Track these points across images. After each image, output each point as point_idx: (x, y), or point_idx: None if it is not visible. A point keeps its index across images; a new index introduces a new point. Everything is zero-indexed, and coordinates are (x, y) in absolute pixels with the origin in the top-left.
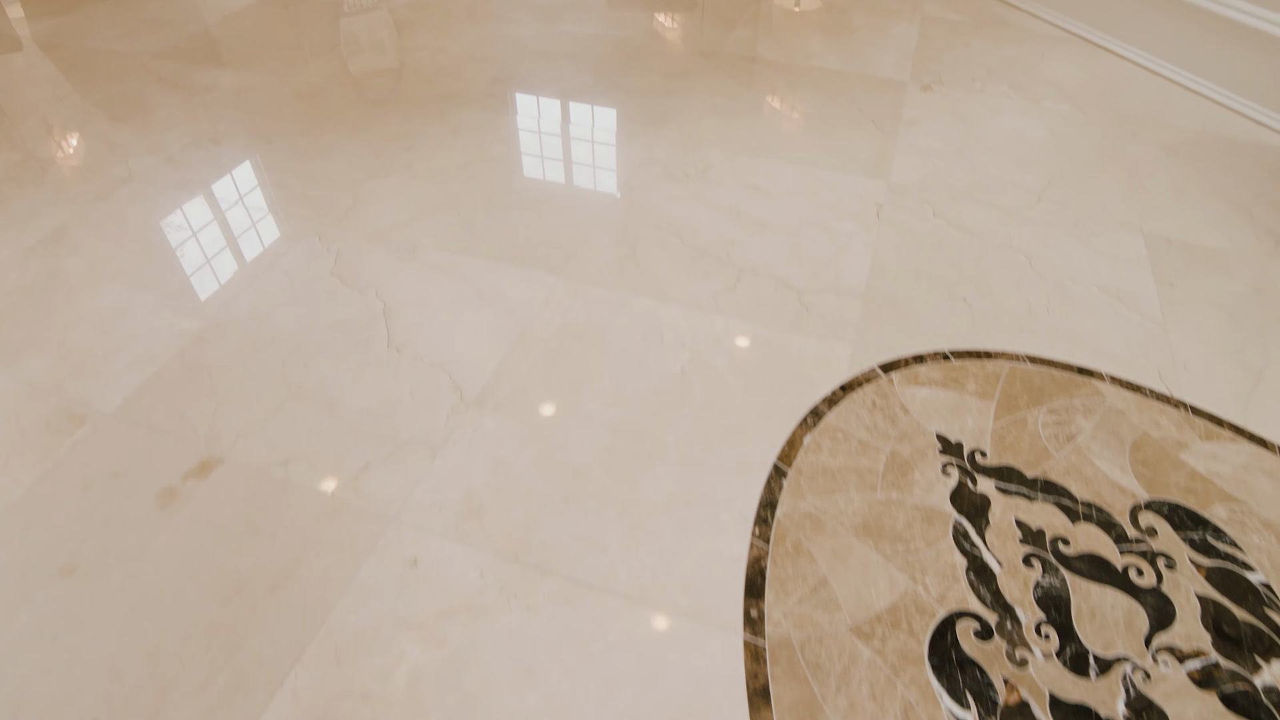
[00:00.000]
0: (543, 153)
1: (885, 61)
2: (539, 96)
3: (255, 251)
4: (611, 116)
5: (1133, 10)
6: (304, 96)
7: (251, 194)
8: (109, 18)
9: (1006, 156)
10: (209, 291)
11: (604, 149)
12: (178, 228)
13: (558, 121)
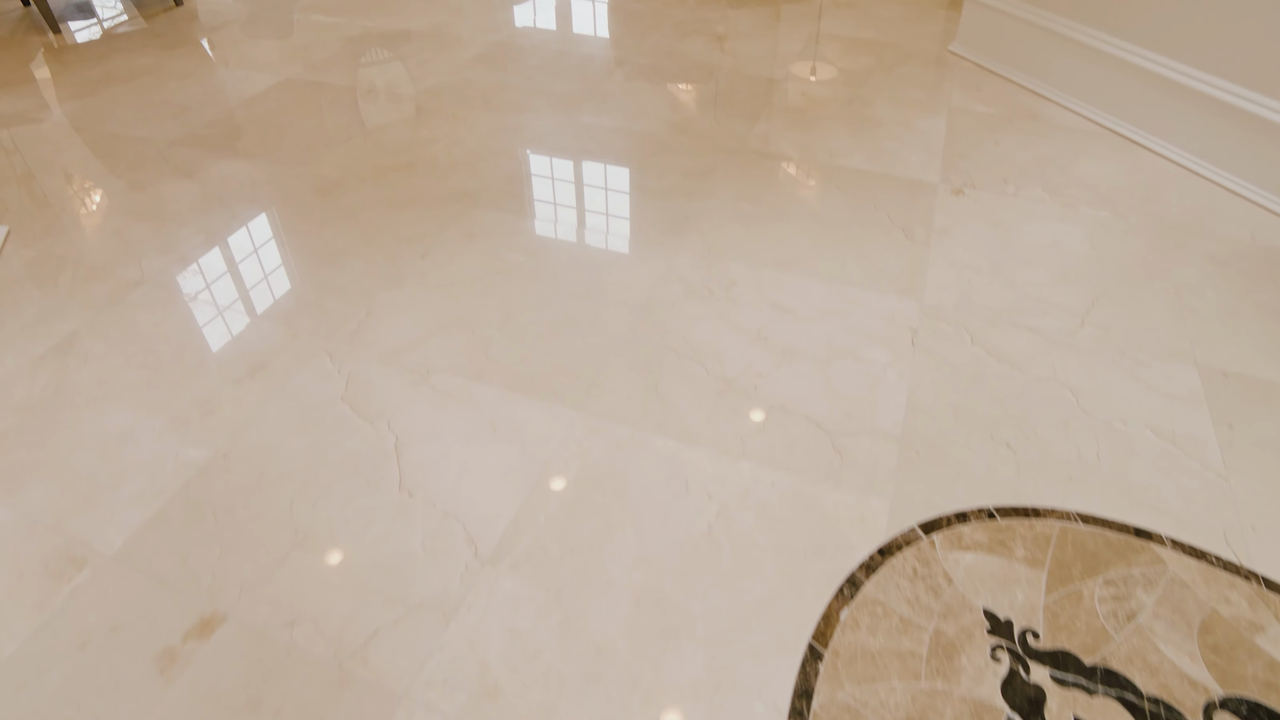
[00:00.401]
0: (560, 263)
1: (913, 160)
2: (556, 198)
3: (265, 369)
4: (632, 223)
5: (1169, 106)
6: (319, 191)
7: (262, 300)
8: (131, 100)
9: (1045, 271)
10: (217, 414)
11: (624, 260)
12: (187, 339)
13: (575, 228)
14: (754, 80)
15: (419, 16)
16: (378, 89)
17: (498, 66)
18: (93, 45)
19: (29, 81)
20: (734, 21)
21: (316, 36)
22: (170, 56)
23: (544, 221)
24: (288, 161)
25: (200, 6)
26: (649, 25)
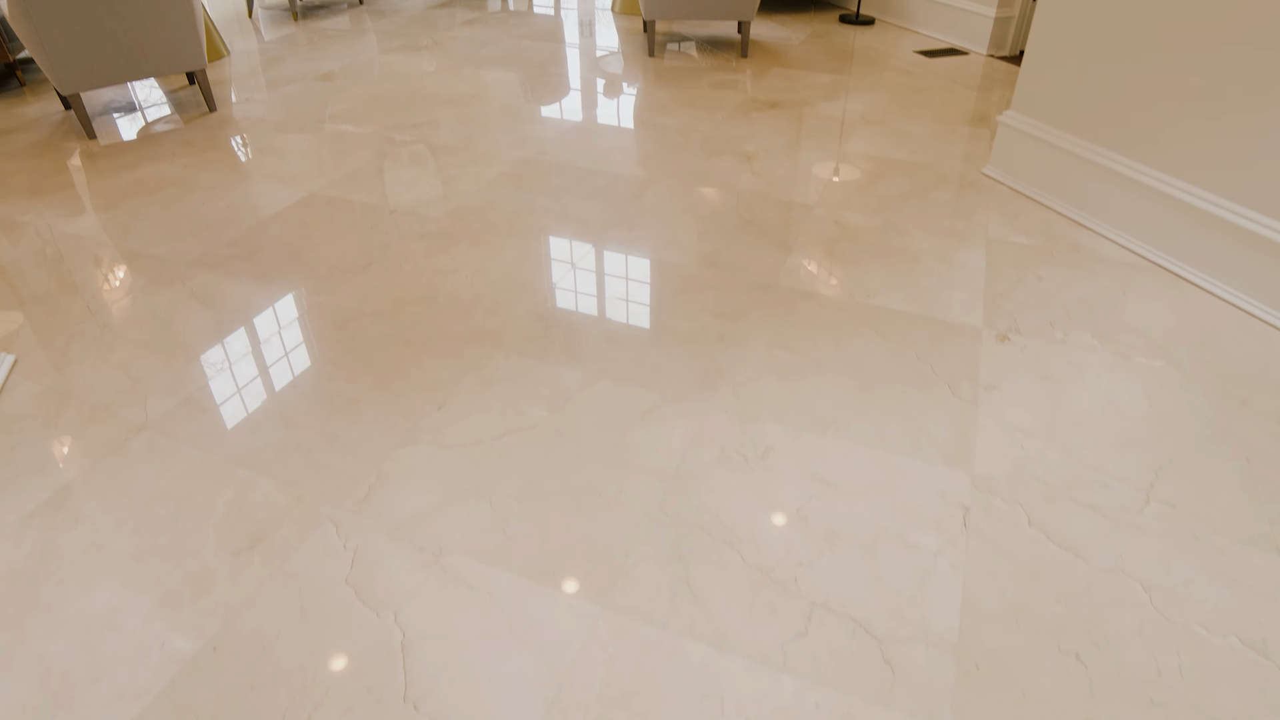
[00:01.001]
0: (584, 419)
1: (954, 301)
2: (580, 340)
3: (266, 540)
4: (661, 373)
5: (1221, 244)
6: (336, 324)
7: (270, 454)
8: (156, 214)
9: (1103, 436)
10: (211, 595)
11: (652, 418)
12: (186, 498)
13: (600, 376)
14: (785, 206)
15: (446, 129)
16: (401, 209)
17: (524, 186)
18: (125, 151)
19: (59, 190)
20: (762, 138)
21: (343, 147)
22: (198, 165)
23: (567, 369)
24: (306, 289)
25: (234, 111)
26: (677, 142)
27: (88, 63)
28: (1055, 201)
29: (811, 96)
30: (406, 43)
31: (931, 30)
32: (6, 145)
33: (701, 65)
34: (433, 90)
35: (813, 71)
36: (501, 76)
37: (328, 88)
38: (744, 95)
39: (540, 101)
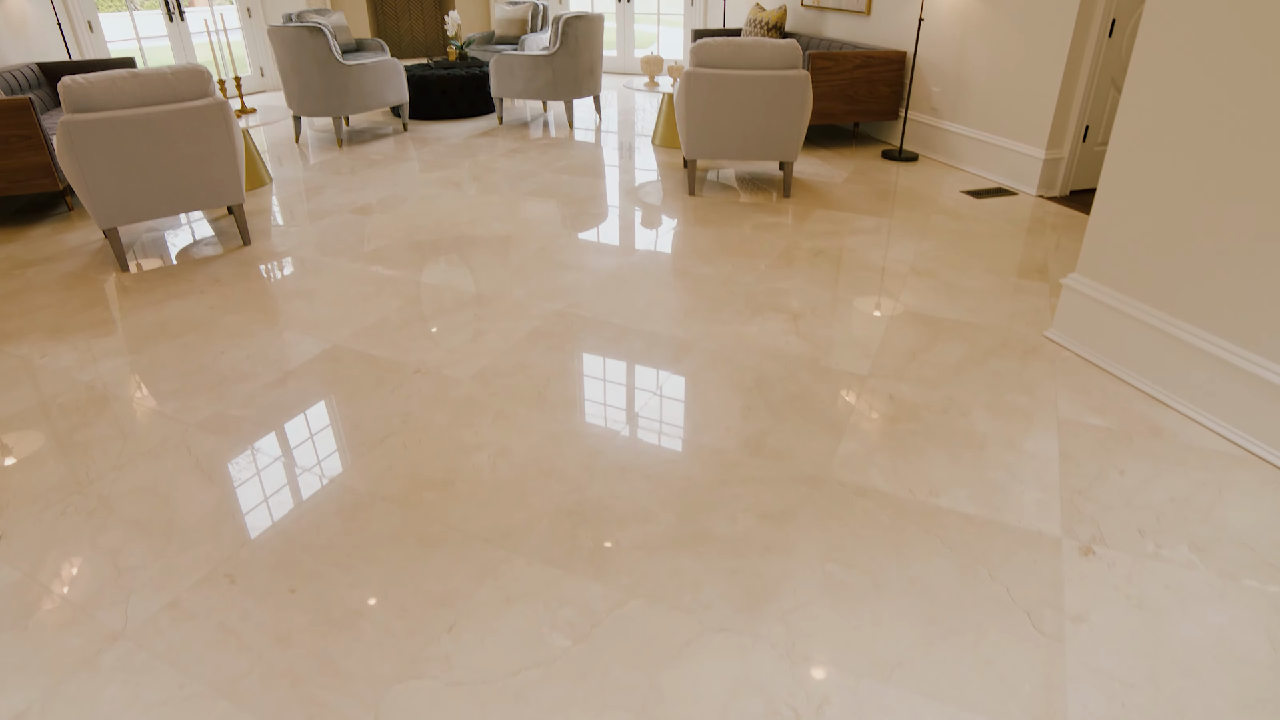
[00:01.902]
0: (612, 652)
1: (1027, 500)
2: (611, 550)
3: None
4: (700, 593)
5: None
6: (344, 512)
7: (257, 685)
8: (174, 363)
9: (1219, 690)
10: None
11: (689, 652)
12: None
13: (630, 595)
14: (835, 375)
15: (480, 273)
16: (426, 368)
17: (556, 345)
18: (155, 285)
19: (82, 329)
20: (808, 292)
21: (373, 291)
22: (225, 306)
23: (595, 583)
24: (315, 467)
25: (268, 245)
26: (718, 296)
27: (127, 198)
28: (1130, 374)
29: (858, 243)
30: (446, 175)
31: (978, 168)
32: (43, 275)
33: (743, 205)
34: (468, 228)
35: (858, 214)
36: (539, 214)
37: (363, 223)
38: (787, 240)
39: (577, 245)
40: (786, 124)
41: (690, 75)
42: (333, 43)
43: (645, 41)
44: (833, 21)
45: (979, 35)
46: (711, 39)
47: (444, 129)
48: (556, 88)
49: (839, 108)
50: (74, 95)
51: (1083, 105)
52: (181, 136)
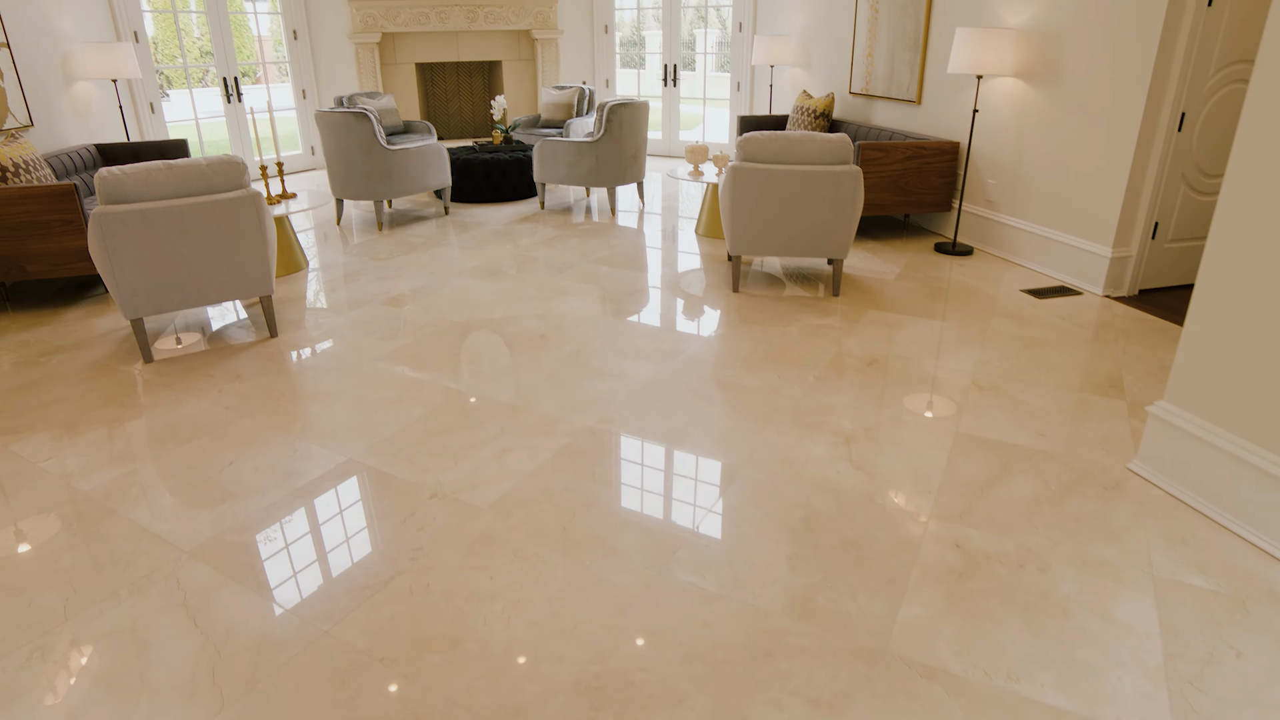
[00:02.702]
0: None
1: (1126, 689)
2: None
3: None
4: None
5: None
6: (335, 677)
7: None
8: (180, 472)
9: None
10: None
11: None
12: None
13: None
14: (893, 516)
15: (509, 378)
16: (442, 492)
17: (585, 470)
18: (175, 379)
19: (93, 428)
20: (861, 409)
21: (396, 396)
22: (241, 407)
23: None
24: (311, 612)
25: (295, 338)
26: (763, 412)
27: (154, 290)
28: (1234, 521)
29: (914, 350)
30: (483, 263)
31: (1038, 265)
32: (67, 363)
33: (790, 304)
34: (501, 325)
35: (912, 316)
36: (576, 311)
37: (394, 316)
38: (837, 347)
39: (614, 348)
40: (837, 221)
41: (736, 170)
42: (378, 128)
43: (691, 122)
44: (882, 110)
45: (1037, 127)
46: (759, 133)
47: (486, 213)
48: (599, 174)
49: (890, 199)
50: (109, 186)
51: (1151, 201)
52: (213, 228)
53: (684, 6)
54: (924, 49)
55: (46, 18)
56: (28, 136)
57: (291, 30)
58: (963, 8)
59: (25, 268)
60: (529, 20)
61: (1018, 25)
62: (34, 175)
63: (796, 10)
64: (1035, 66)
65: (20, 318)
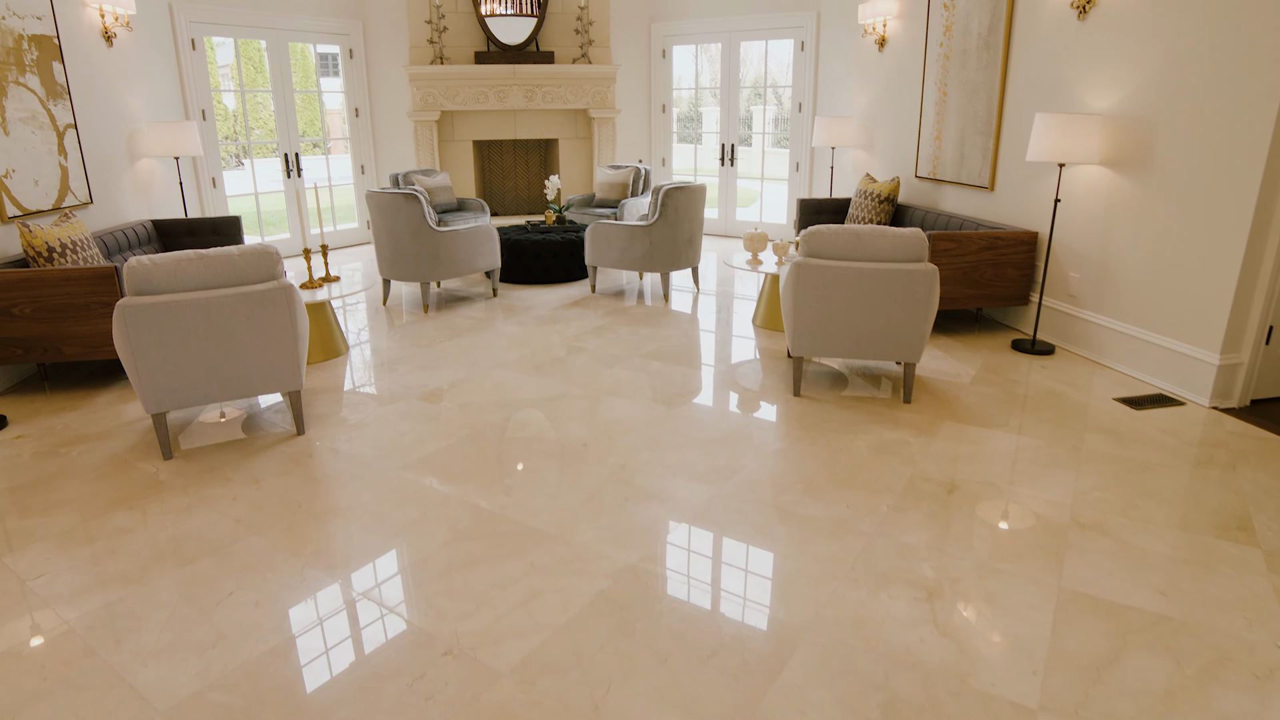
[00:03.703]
0: None
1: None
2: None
3: None
4: None
5: None
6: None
7: None
8: (176, 601)
9: None
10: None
11: None
12: None
13: None
14: (994, 709)
15: (544, 498)
16: (458, 648)
17: (624, 626)
18: (190, 482)
19: (94, 540)
20: (944, 552)
21: (420, 515)
22: (253, 518)
23: None
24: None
25: (321, 439)
26: (830, 553)
27: (178, 383)
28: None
29: (1000, 473)
30: (528, 354)
31: (1131, 369)
32: (86, 456)
33: (857, 411)
34: (541, 429)
35: (994, 429)
36: (622, 415)
37: (429, 414)
38: (912, 467)
39: (662, 463)
40: (909, 323)
41: (801, 266)
42: (427, 209)
43: (748, 199)
44: (951, 195)
45: (1127, 218)
46: (825, 227)
47: (535, 296)
48: (653, 259)
49: (962, 292)
50: (137, 277)
51: (1266, 303)
52: (241, 322)
53: (741, 87)
54: (997, 133)
55: (118, 98)
56: (86, 213)
57: (354, 108)
58: (1039, 91)
59: (62, 349)
60: (587, 100)
61: (1104, 110)
62: (81, 255)
63: (859, 91)
64: (1124, 154)
65: (54, 399)
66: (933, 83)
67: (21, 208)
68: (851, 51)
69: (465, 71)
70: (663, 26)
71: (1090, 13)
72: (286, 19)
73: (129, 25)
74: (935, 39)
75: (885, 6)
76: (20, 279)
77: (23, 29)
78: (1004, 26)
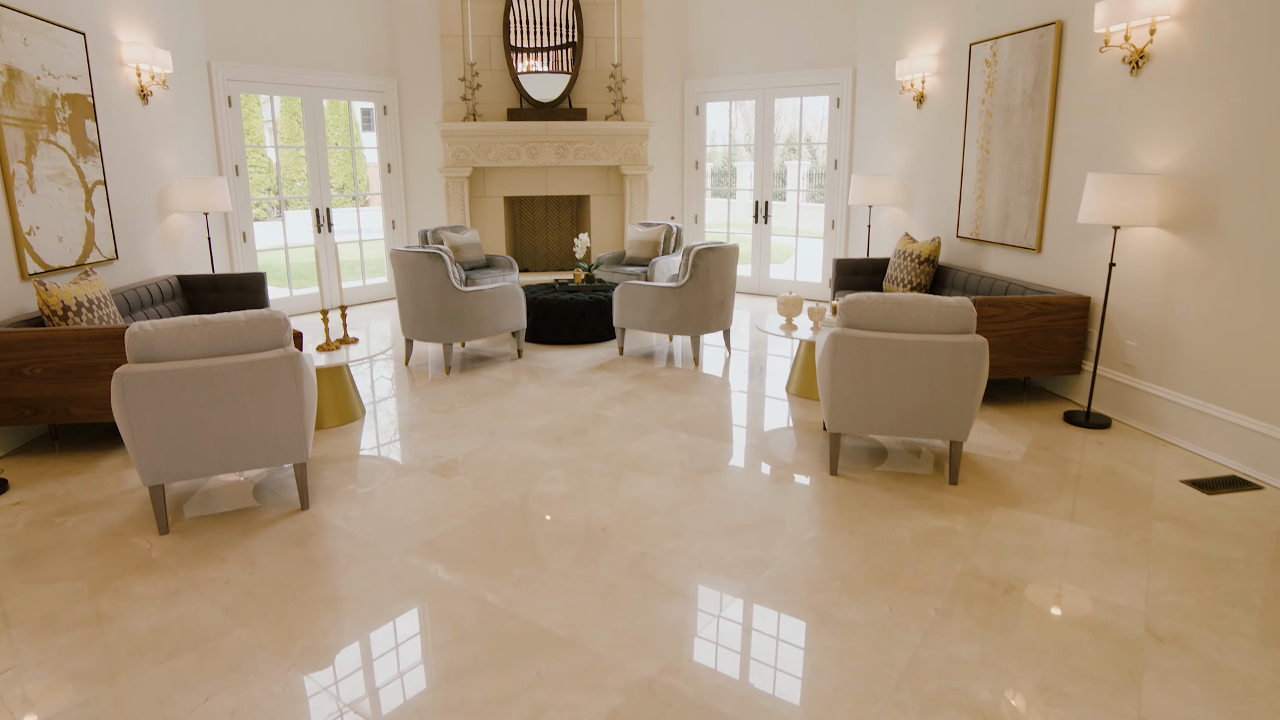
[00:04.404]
0: None
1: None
2: None
3: None
4: None
5: None
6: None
7: None
8: (141, 710)
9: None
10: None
11: None
12: None
13: None
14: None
15: (557, 594)
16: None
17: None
18: (184, 560)
19: (71, 628)
20: (1002, 672)
21: (419, 609)
22: (240, 611)
23: None
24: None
25: (327, 512)
26: (871, 669)
27: (177, 455)
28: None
29: (1060, 570)
30: (550, 422)
31: (1197, 445)
32: (79, 527)
33: (899, 494)
34: (559, 508)
35: (1050, 516)
36: (645, 495)
37: (441, 489)
38: (962, 563)
39: (686, 553)
40: (956, 399)
41: (838, 338)
42: (451, 268)
43: (782, 254)
44: (995, 256)
45: (1191, 283)
46: (864, 296)
47: (561, 357)
48: (683, 322)
49: (1009, 360)
50: (138, 344)
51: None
52: (244, 391)
53: (776, 143)
54: (1044, 192)
55: (150, 155)
56: (111, 269)
57: (386, 164)
58: (1089, 149)
59: (71, 411)
60: (619, 156)
61: (1161, 169)
62: (98, 314)
63: (897, 148)
64: (1185, 216)
65: (61, 462)
66: (974, 140)
67: (43, 264)
68: (889, 108)
69: (498, 128)
70: (696, 84)
71: (1144, 68)
72: (322, 76)
73: (165, 83)
74: (976, 95)
75: (923, 63)
76: (32, 339)
77: (57, 88)
78: (1050, 83)
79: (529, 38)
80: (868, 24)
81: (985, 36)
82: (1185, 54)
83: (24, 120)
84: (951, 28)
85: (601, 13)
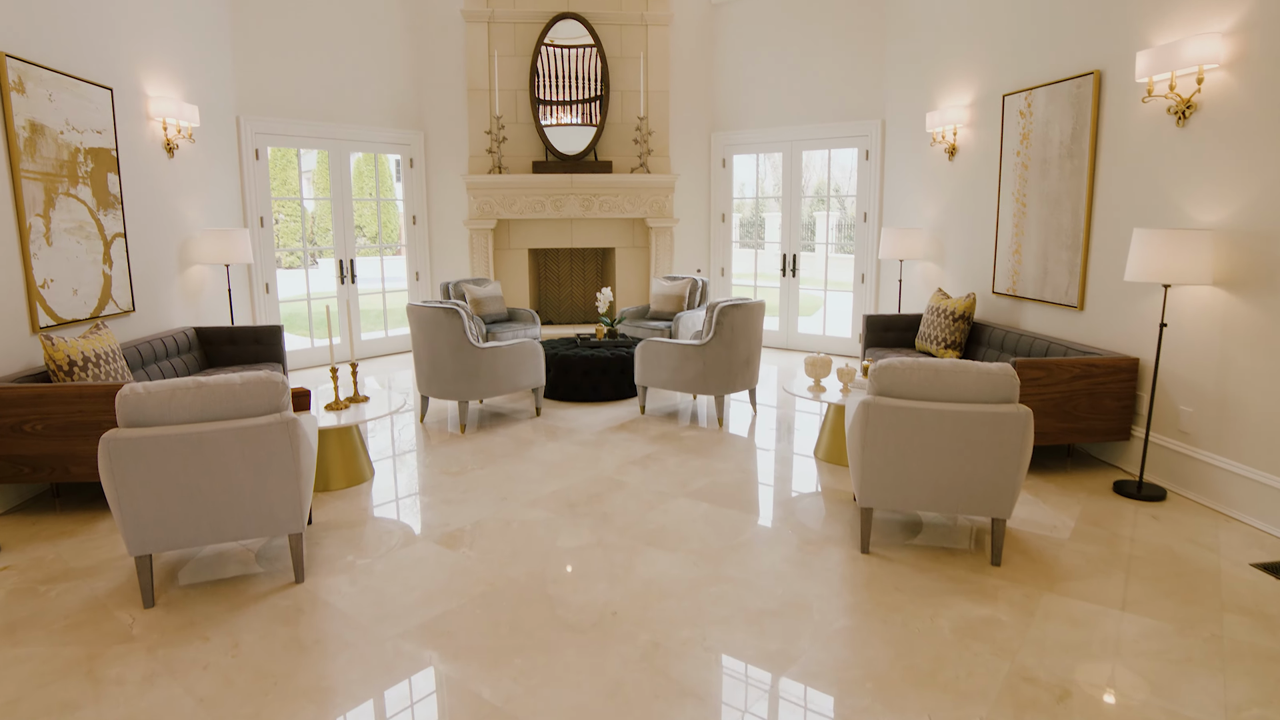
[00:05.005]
0: None
1: None
2: None
3: None
4: None
5: None
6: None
7: None
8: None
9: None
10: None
11: None
12: None
13: None
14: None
15: (558, 691)
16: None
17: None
18: (163, 640)
19: (42, 714)
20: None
21: (409, 705)
22: (216, 701)
23: None
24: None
25: (322, 586)
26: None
27: (166, 524)
28: None
29: (1121, 673)
30: (563, 488)
31: (1265, 522)
32: (62, 597)
33: (936, 576)
34: (566, 590)
35: (1104, 604)
36: (660, 576)
37: (445, 563)
38: (1009, 662)
39: (703, 643)
40: (998, 473)
41: (869, 406)
42: (468, 324)
43: (810, 306)
44: (1033, 314)
45: (1251, 346)
46: (898, 361)
47: (580, 416)
48: (707, 381)
49: (1053, 426)
50: (128, 407)
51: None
52: (237, 458)
53: (804, 195)
54: (1085, 247)
55: (173, 207)
56: (127, 321)
57: (411, 215)
58: (1134, 203)
59: (70, 469)
60: (644, 209)
61: (1214, 225)
62: (105, 368)
63: (928, 201)
64: (1242, 274)
65: (58, 522)
66: (1009, 193)
67: (56, 317)
68: (919, 161)
69: (523, 181)
70: (723, 136)
71: (1191, 118)
72: (350, 130)
73: (192, 137)
74: (1011, 147)
75: (955, 114)
76: (33, 394)
77: (80, 142)
78: (1089, 134)
79: (555, 91)
80: (896, 75)
81: (1019, 87)
82: (1237, 103)
83: (44, 174)
84: (983, 79)
85: (628, 66)
